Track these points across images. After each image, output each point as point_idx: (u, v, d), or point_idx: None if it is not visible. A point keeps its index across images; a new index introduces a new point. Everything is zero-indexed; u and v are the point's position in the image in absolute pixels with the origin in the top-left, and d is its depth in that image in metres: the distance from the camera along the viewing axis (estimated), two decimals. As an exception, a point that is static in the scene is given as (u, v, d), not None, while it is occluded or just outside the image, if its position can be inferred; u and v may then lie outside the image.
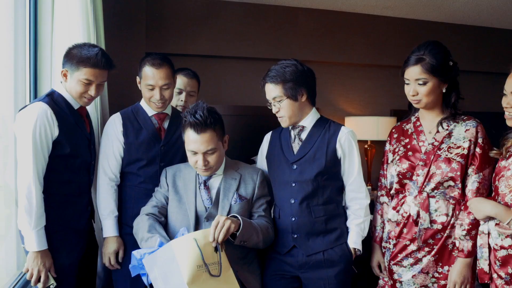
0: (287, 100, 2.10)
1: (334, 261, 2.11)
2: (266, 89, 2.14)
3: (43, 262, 1.92)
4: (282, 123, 2.16)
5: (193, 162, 2.06)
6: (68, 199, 2.05)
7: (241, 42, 3.71)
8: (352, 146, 2.15)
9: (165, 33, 3.53)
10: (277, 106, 2.12)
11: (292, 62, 2.12)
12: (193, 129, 1.99)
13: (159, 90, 2.24)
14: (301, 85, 2.11)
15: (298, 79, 2.09)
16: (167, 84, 2.25)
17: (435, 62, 1.98)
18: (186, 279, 1.71)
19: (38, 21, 2.38)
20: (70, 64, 2.02)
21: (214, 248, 1.82)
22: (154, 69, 2.22)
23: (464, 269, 1.99)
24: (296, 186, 2.12)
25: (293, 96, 2.10)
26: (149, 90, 2.25)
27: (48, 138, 1.94)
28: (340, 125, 2.19)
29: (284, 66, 2.10)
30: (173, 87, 2.32)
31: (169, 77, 2.26)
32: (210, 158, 2.03)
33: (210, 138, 2.00)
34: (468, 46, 4.27)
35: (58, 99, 2.05)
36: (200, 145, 2.00)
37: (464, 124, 2.06)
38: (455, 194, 2.02)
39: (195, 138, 2.00)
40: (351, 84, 4.09)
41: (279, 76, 2.08)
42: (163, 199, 2.15)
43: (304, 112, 2.17)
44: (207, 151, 2.01)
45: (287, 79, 2.08)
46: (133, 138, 2.29)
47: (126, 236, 2.29)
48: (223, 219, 1.86)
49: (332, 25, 3.93)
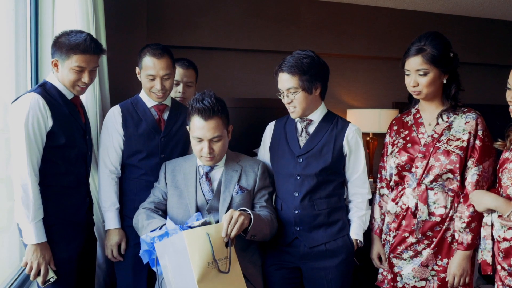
0: (302, 93, 2.07)
1: (335, 252, 2.12)
2: (281, 78, 2.09)
3: (43, 255, 1.90)
4: (293, 114, 2.14)
5: (197, 150, 2.05)
6: (65, 191, 2.03)
7: (243, 34, 3.69)
8: (358, 144, 2.16)
9: (166, 25, 3.52)
10: (290, 97, 2.08)
11: (310, 54, 2.08)
12: (200, 116, 1.99)
13: (160, 80, 2.23)
14: (317, 78, 2.08)
15: (315, 72, 2.06)
16: (167, 74, 2.25)
17: (436, 53, 1.97)
18: (197, 277, 1.70)
19: (39, 12, 2.37)
20: (60, 53, 1.98)
21: (225, 243, 1.81)
22: (155, 59, 2.21)
23: (463, 262, 2.00)
24: (300, 179, 2.12)
25: (309, 89, 2.07)
26: (149, 80, 2.24)
27: (41, 129, 1.91)
28: (348, 122, 2.19)
29: (301, 57, 2.06)
30: (173, 77, 2.32)
31: (169, 67, 2.25)
32: (215, 146, 2.03)
33: (217, 125, 2.00)
34: (471, 38, 4.24)
35: (51, 89, 2.01)
36: (206, 131, 1.99)
37: (464, 116, 2.05)
38: (453, 186, 2.02)
39: (202, 125, 1.99)
40: (353, 77, 4.08)
41: (297, 67, 2.04)
42: (160, 196, 2.15)
43: (315, 105, 2.15)
44: (213, 138, 2.00)
45: (305, 71, 2.04)
46: (132, 130, 2.29)
47: (128, 228, 2.29)
48: (237, 214, 1.84)
49: (334, 17, 3.91)
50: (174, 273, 1.76)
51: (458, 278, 2.01)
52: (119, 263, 2.32)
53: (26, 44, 2.35)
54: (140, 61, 2.27)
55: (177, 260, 1.75)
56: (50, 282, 1.93)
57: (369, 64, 4.13)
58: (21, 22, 2.31)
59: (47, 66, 2.34)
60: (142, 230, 1.98)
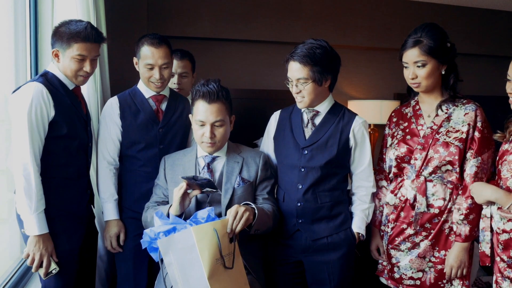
0: (312, 84, 2.03)
1: (337, 245, 2.11)
2: (291, 67, 2.04)
3: (45, 247, 1.88)
4: (300, 104, 2.10)
5: (199, 135, 2.04)
6: (66, 182, 2.01)
7: (243, 25, 3.67)
8: (364, 137, 2.13)
9: (166, 15, 3.50)
10: (300, 87, 2.04)
11: (323, 45, 2.03)
12: (204, 99, 1.99)
13: (159, 69, 2.22)
14: (329, 71, 2.04)
15: (326, 64, 2.02)
16: (166, 63, 2.24)
17: (433, 44, 1.96)
18: (207, 274, 1.69)
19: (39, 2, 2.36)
20: (60, 42, 1.96)
21: (230, 238, 1.81)
22: (154, 48, 2.21)
23: (461, 254, 2.00)
24: (304, 171, 2.10)
25: (319, 81, 2.03)
26: (148, 70, 2.24)
27: (44, 118, 1.89)
28: (355, 114, 2.16)
29: (315, 47, 2.00)
30: (171, 67, 2.31)
31: (168, 56, 2.25)
32: (217, 131, 2.02)
33: (220, 110, 2.00)
34: (473, 29, 4.21)
35: (53, 79, 1.99)
36: (209, 114, 1.99)
37: (463, 107, 2.04)
38: (452, 178, 2.02)
39: (205, 108, 1.99)
40: (354, 68, 4.05)
41: (309, 57, 1.99)
42: (162, 194, 2.15)
43: (323, 97, 2.12)
44: (215, 122, 2.00)
45: (317, 62, 1.99)
46: (130, 120, 2.28)
47: (128, 219, 2.30)
48: (242, 210, 1.83)
49: (336, 8, 3.89)
50: (181, 270, 1.74)
51: (455, 269, 2.01)
52: (119, 254, 2.33)
53: (26, 34, 2.33)
54: (138, 51, 2.26)
55: (185, 256, 1.73)
56: (52, 274, 1.92)
57: (370, 55, 4.10)
58: (20, 12, 2.29)
59: (47, 57, 2.33)
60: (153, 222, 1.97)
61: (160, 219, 1.85)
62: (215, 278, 1.72)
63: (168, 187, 2.13)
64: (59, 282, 1.96)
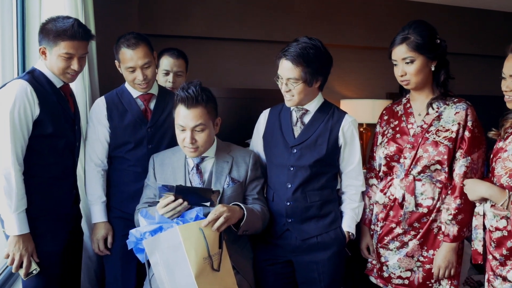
0: (302, 84, 2.01)
1: (327, 245, 2.10)
2: (283, 65, 2.01)
3: (25, 247, 1.85)
4: (289, 102, 2.09)
5: (181, 140, 2.02)
6: (51, 182, 1.98)
7: (236, 24, 3.66)
8: (354, 136, 2.12)
9: (158, 14, 3.48)
10: (289, 86, 2.03)
11: (317, 45, 2.01)
12: (183, 104, 1.97)
13: (141, 70, 2.19)
14: (320, 72, 2.03)
15: (319, 66, 2.01)
16: (147, 62, 2.19)
17: (420, 40, 1.97)
18: (195, 272, 1.68)
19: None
20: (47, 40, 1.93)
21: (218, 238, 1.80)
22: (131, 51, 2.16)
23: (448, 254, 2.00)
24: (294, 170, 2.08)
25: (310, 82, 2.02)
26: (130, 72, 2.20)
27: (28, 117, 1.86)
28: (344, 112, 2.15)
29: (309, 47, 1.98)
30: (154, 64, 2.26)
31: (148, 55, 2.20)
32: (198, 136, 2.00)
33: (200, 114, 1.98)
34: (467, 28, 4.22)
35: (39, 76, 1.96)
36: (189, 120, 1.97)
37: (454, 106, 2.04)
38: (441, 178, 2.02)
39: (185, 113, 1.97)
40: (346, 67, 4.05)
41: (302, 57, 1.96)
42: (152, 195, 2.13)
43: (313, 96, 2.11)
44: (195, 126, 1.98)
45: (309, 63, 1.97)
46: (118, 121, 2.25)
47: (116, 219, 2.28)
48: (223, 210, 1.83)
49: (328, 7, 3.89)
50: (167, 270, 1.73)
51: (443, 270, 2.01)
52: (107, 256, 2.30)
53: (12, 31, 2.30)
54: (117, 54, 2.22)
55: (171, 256, 1.72)
56: (32, 275, 1.89)
57: (363, 54, 4.10)
58: (7, 8, 2.26)
59: (34, 54, 2.31)
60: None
61: (145, 219, 1.83)
62: (203, 277, 1.71)
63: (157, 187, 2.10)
64: (40, 282, 1.94)
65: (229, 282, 1.83)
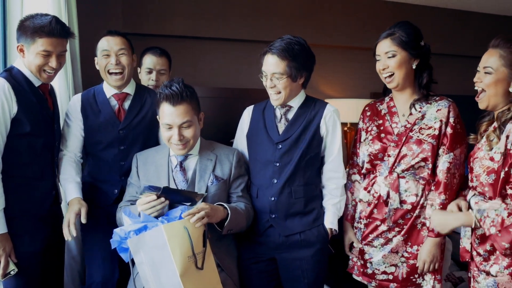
0: (287, 79, 2.03)
1: (310, 242, 2.11)
2: (268, 61, 2.04)
3: (3, 247, 1.83)
4: (276, 101, 2.10)
5: (167, 138, 2.01)
6: (29, 182, 1.95)
7: (220, 23, 3.66)
8: (336, 125, 2.14)
9: (142, 13, 3.46)
10: (274, 82, 2.04)
11: (301, 42, 2.06)
12: (168, 102, 1.96)
13: (115, 56, 2.19)
14: (304, 67, 2.07)
15: (303, 61, 2.05)
16: (122, 49, 2.21)
17: (404, 37, 2.01)
18: (180, 271, 1.68)
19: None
20: (25, 37, 1.91)
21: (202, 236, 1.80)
22: (109, 37, 2.21)
23: (433, 248, 2.02)
24: (279, 166, 2.10)
25: (294, 77, 2.04)
26: (104, 58, 2.21)
27: (5, 114, 1.84)
28: (326, 103, 2.17)
29: (293, 43, 2.03)
30: (129, 58, 2.25)
31: (124, 44, 2.23)
32: (185, 132, 1.99)
33: (186, 111, 1.97)
34: (448, 29, 4.29)
35: (17, 75, 1.94)
36: (175, 117, 1.96)
37: (436, 104, 2.07)
38: (424, 174, 2.04)
39: (171, 111, 1.96)
40: (331, 67, 4.07)
41: (287, 51, 2.00)
42: (135, 193, 2.11)
43: (296, 93, 2.13)
44: (182, 123, 1.97)
45: (294, 58, 2.01)
46: (91, 120, 2.24)
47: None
48: (205, 210, 1.81)
49: (313, 6, 3.91)
50: (152, 269, 1.72)
51: (428, 264, 2.03)
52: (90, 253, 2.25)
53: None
54: (96, 49, 2.24)
55: (156, 255, 1.71)
56: (10, 275, 1.87)
57: (347, 54, 4.14)
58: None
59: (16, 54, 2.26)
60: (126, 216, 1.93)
61: (130, 218, 1.82)
62: (187, 276, 1.71)
63: (141, 184, 2.09)
64: (20, 283, 1.91)
65: (213, 280, 1.83)
